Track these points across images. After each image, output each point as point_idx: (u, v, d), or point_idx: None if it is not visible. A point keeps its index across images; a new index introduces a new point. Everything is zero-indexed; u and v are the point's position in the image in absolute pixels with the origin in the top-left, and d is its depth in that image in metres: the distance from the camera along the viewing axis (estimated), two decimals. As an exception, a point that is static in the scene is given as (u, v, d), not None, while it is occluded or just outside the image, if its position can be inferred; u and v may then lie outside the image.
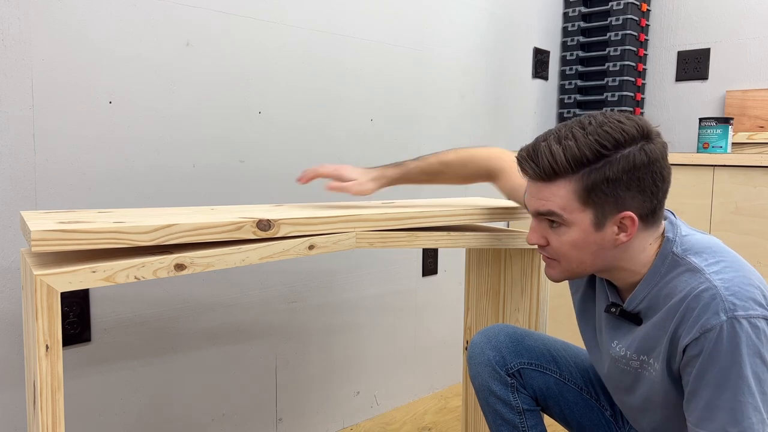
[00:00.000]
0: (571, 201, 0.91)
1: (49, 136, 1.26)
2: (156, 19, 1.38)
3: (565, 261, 0.98)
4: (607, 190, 0.89)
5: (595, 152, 0.88)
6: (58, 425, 0.82)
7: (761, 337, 0.86)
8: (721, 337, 0.86)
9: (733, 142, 2.25)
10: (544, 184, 0.93)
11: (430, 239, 1.23)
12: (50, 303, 0.80)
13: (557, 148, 0.89)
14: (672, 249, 0.95)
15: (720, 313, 0.86)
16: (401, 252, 2.02)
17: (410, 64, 1.96)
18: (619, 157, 0.88)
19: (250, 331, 1.64)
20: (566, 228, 0.94)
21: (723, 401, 0.87)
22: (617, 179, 0.89)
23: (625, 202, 0.90)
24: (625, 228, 0.93)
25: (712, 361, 0.87)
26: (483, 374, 1.22)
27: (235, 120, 1.54)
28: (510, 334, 1.25)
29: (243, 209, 1.18)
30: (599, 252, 0.95)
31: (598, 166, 0.89)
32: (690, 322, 0.89)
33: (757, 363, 0.86)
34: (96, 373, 1.37)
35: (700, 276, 0.91)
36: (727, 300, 0.87)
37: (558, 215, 0.93)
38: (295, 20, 1.64)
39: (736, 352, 0.86)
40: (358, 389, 1.95)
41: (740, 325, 0.85)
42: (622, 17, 2.39)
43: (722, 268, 0.91)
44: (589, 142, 0.88)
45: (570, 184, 0.90)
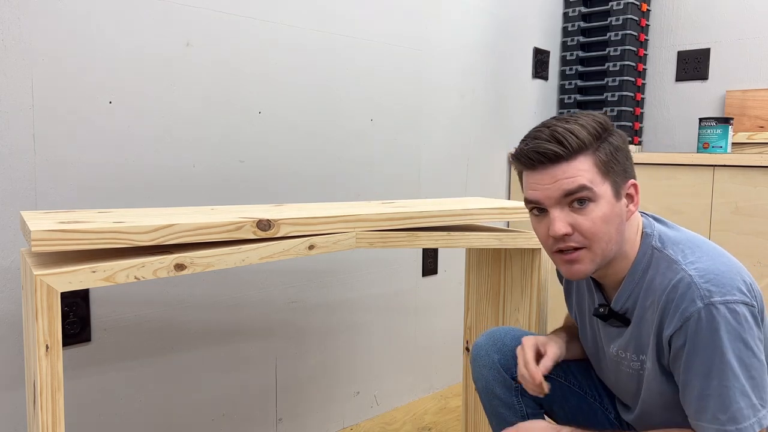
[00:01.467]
0: (595, 173, 0.94)
1: (49, 136, 1.26)
2: (156, 19, 1.38)
3: (596, 243, 0.94)
4: (619, 157, 0.95)
5: (602, 125, 0.95)
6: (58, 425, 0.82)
7: (741, 322, 0.87)
8: (700, 324, 0.87)
9: (733, 142, 2.25)
10: (567, 164, 0.93)
11: (430, 239, 1.23)
12: (50, 303, 0.80)
13: (574, 127, 0.93)
14: (651, 243, 0.98)
15: (696, 300, 0.88)
16: (401, 252, 2.02)
17: (410, 64, 1.96)
18: (612, 131, 0.97)
19: (250, 331, 1.64)
20: (594, 204, 0.93)
21: (711, 389, 0.88)
22: (621, 148, 0.96)
23: (628, 170, 0.97)
24: (632, 197, 0.98)
25: (695, 349, 0.89)
26: (487, 377, 1.21)
27: (235, 120, 1.54)
28: (516, 337, 1.23)
29: (243, 209, 1.18)
30: (620, 226, 0.96)
31: (607, 137, 0.95)
32: (670, 313, 0.91)
33: (740, 347, 0.87)
34: (96, 373, 1.37)
35: (676, 267, 0.93)
36: (701, 287, 0.88)
37: (588, 188, 0.92)
38: (296, 20, 1.64)
39: (716, 337, 0.87)
40: (358, 389, 1.95)
41: (717, 310, 0.87)
42: (622, 17, 2.39)
43: (698, 258, 0.93)
44: (591, 121, 0.95)
45: (591, 157, 0.94)
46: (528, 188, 0.98)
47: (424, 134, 2.04)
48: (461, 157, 2.18)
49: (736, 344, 0.87)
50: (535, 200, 0.97)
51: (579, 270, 0.97)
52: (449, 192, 2.15)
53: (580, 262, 0.96)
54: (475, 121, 2.23)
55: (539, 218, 0.99)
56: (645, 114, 2.62)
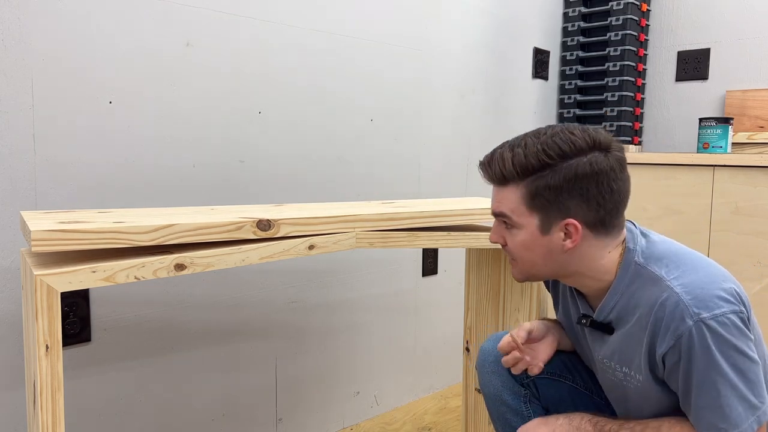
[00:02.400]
0: (519, 205, 0.96)
1: (49, 136, 1.26)
2: (156, 19, 1.38)
3: (520, 261, 1.02)
4: (550, 197, 0.94)
5: (541, 161, 0.93)
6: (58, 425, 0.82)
7: (732, 332, 0.88)
8: (692, 342, 0.89)
9: (733, 142, 2.25)
10: (498, 188, 0.99)
11: (430, 239, 1.23)
12: (50, 303, 0.80)
13: (508, 155, 0.95)
14: (634, 259, 0.98)
15: (686, 319, 0.89)
16: (401, 252, 2.02)
17: (410, 64, 1.96)
18: (564, 166, 0.92)
19: (250, 331, 1.64)
20: (517, 230, 0.99)
21: (710, 400, 0.90)
22: (559, 187, 0.93)
23: (568, 209, 0.94)
24: (570, 234, 0.96)
25: (691, 365, 0.90)
26: (495, 384, 1.20)
27: (236, 120, 1.54)
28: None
29: (243, 209, 1.18)
30: (549, 255, 0.98)
31: (543, 174, 0.93)
32: (662, 332, 0.92)
33: (734, 356, 0.89)
34: (96, 373, 1.37)
35: (661, 284, 0.93)
36: (689, 304, 0.89)
37: (508, 217, 0.99)
38: (295, 20, 1.64)
39: (708, 353, 0.88)
40: (358, 389, 1.95)
41: (707, 326, 0.88)
42: (622, 17, 2.39)
43: (681, 273, 0.93)
44: (537, 150, 0.93)
45: (518, 189, 0.96)
46: None
47: (425, 134, 2.04)
48: (461, 157, 2.18)
49: (729, 353, 0.88)
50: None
51: (512, 273, 1.06)
52: (449, 192, 2.15)
53: (513, 267, 1.05)
54: (475, 121, 2.23)
55: None
56: (645, 114, 2.63)
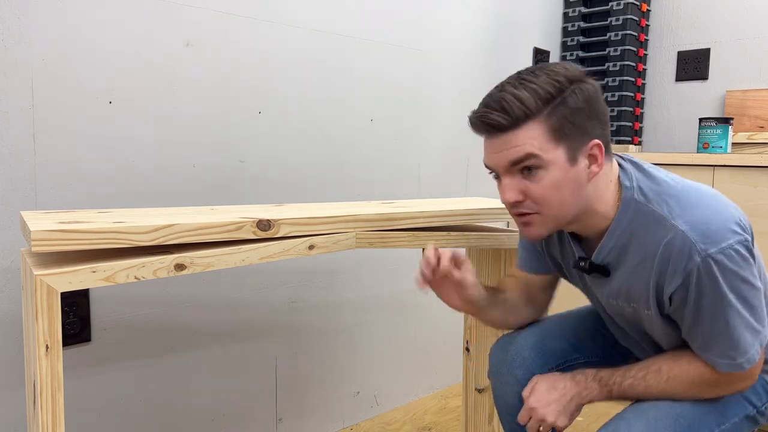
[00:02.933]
0: (545, 140, 0.91)
1: (49, 136, 1.25)
2: (156, 19, 1.38)
3: (547, 208, 0.95)
4: (574, 120, 0.91)
5: (556, 87, 0.90)
6: (58, 425, 0.82)
7: (738, 262, 0.90)
8: (701, 278, 0.90)
9: (733, 142, 2.25)
10: (514, 132, 0.92)
11: (430, 239, 1.23)
12: (50, 303, 0.80)
13: (521, 93, 0.90)
14: (633, 196, 0.96)
15: (694, 256, 0.89)
16: (401, 252, 2.02)
17: (410, 64, 1.96)
18: (574, 89, 0.91)
19: (250, 331, 1.64)
20: (544, 171, 0.92)
21: (719, 330, 0.93)
22: (580, 109, 0.91)
23: (589, 131, 0.93)
24: (595, 158, 0.94)
25: (700, 299, 0.92)
26: (512, 393, 1.16)
27: (236, 120, 1.54)
28: (533, 345, 1.19)
29: (243, 209, 1.18)
30: (577, 190, 0.94)
31: (560, 100, 0.90)
32: (669, 271, 0.92)
33: (739, 286, 0.91)
34: (96, 373, 1.37)
35: (665, 224, 0.92)
36: (696, 241, 0.89)
37: (536, 156, 0.91)
38: (295, 20, 1.64)
39: (717, 286, 0.90)
40: (358, 389, 1.95)
41: (715, 261, 0.89)
42: (622, 17, 2.39)
43: (684, 210, 0.92)
44: (546, 80, 0.91)
45: (540, 123, 0.91)
46: (484, 153, 0.99)
47: (425, 134, 2.04)
48: (461, 157, 2.18)
49: (736, 284, 0.90)
50: (489, 166, 0.98)
51: (533, 232, 0.98)
52: (449, 192, 2.15)
53: (533, 225, 0.98)
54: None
55: (498, 183, 0.99)
56: (645, 114, 2.62)
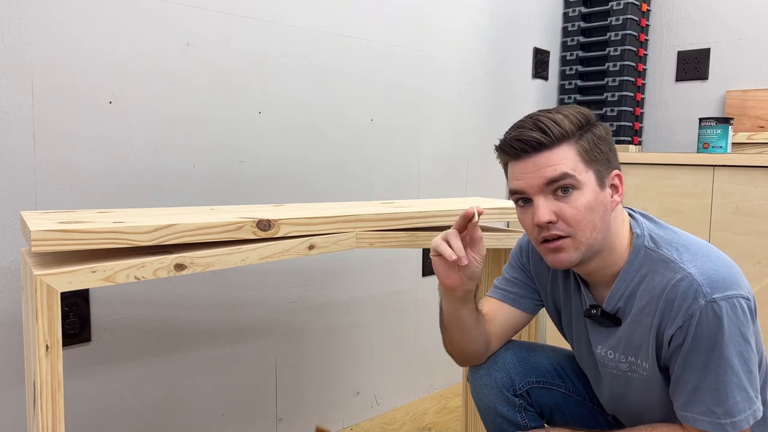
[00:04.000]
0: (578, 162, 0.94)
1: (49, 136, 1.26)
2: (156, 19, 1.38)
3: (580, 231, 0.94)
4: (602, 147, 0.96)
5: (584, 116, 0.96)
6: (58, 425, 0.82)
7: (740, 316, 0.89)
8: (701, 321, 0.89)
9: (733, 142, 2.25)
10: (550, 152, 0.93)
11: (430, 239, 1.23)
12: (50, 303, 0.80)
13: (557, 117, 0.94)
14: (644, 243, 0.98)
15: (699, 299, 0.89)
16: (401, 252, 2.02)
17: (410, 64, 1.96)
18: (595, 122, 0.97)
19: (250, 331, 1.64)
20: (578, 192, 0.93)
21: (708, 383, 0.90)
22: (602, 138, 0.96)
23: (612, 161, 0.97)
24: (617, 188, 0.98)
25: (696, 345, 0.90)
26: (489, 396, 1.18)
27: (236, 120, 1.54)
28: (516, 353, 1.20)
29: (243, 209, 1.18)
30: (605, 215, 0.95)
31: (589, 128, 0.96)
32: (672, 313, 0.92)
33: (740, 342, 0.89)
34: (96, 373, 1.37)
35: (674, 266, 0.93)
36: (703, 284, 0.89)
37: (571, 176, 0.92)
38: (295, 20, 1.64)
39: (717, 334, 0.88)
40: (358, 389, 1.95)
41: (719, 306, 0.88)
42: (622, 17, 2.39)
43: (693, 256, 0.93)
44: (573, 111, 0.96)
45: (573, 146, 0.94)
46: (512, 178, 0.98)
47: (424, 134, 2.04)
48: (461, 157, 2.18)
49: (736, 339, 0.88)
50: (520, 190, 0.96)
51: (564, 258, 0.96)
52: (449, 192, 2.15)
53: (564, 251, 0.95)
54: (475, 121, 2.22)
55: (524, 209, 0.98)
56: (645, 114, 2.62)
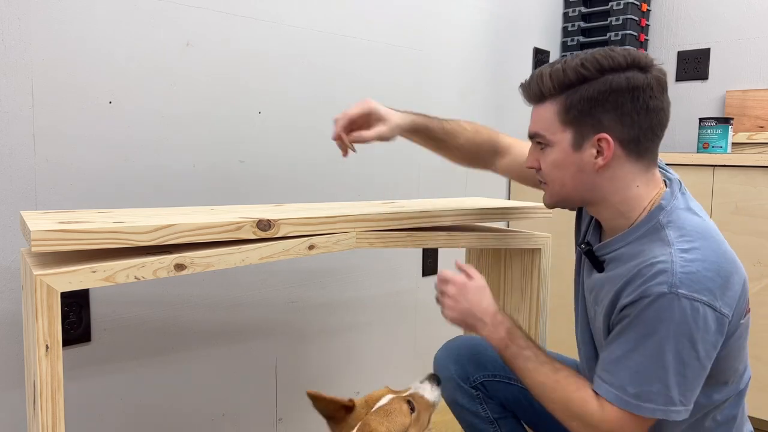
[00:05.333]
0: (554, 122, 0.95)
1: (49, 136, 1.25)
2: (156, 19, 1.38)
3: (550, 183, 1.02)
4: (584, 108, 0.92)
5: (578, 74, 0.92)
6: (58, 425, 0.82)
7: (698, 321, 0.86)
8: (653, 305, 0.87)
9: (733, 142, 2.25)
10: (536, 108, 0.99)
11: (430, 239, 1.23)
12: (50, 303, 0.80)
13: (546, 72, 0.95)
14: (659, 216, 0.95)
15: (663, 285, 0.87)
16: (401, 252, 2.02)
17: (410, 64, 1.96)
18: (600, 79, 0.92)
19: (250, 331, 1.64)
20: (550, 148, 0.98)
21: (632, 362, 0.89)
22: (594, 99, 0.92)
23: (602, 124, 0.93)
24: (602, 151, 0.94)
25: (637, 323, 0.89)
26: (449, 388, 1.22)
27: (236, 120, 1.54)
28: (471, 346, 1.25)
29: (243, 209, 1.18)
30: (578, 175, 0.97)
31: (579, 87, 0.92)
32: (634, 285, 0.91)
33: (685, 344, 0.86)
34: (96, 373, 1.37)
35: (666, 249, 0.90)
36: (676, 275, 0.86)
37: (541, 135, 0.98)
38: (295, 20, 1.64)
39: (662, 323, 0.86)
40: (358, 389, 1.95)
41: (678, 301, 0.85)
42: (622, 17, 2.39)
43: (692, 249, 0.90)
44: (575, 65, 0.92)
45: (554, 105, 0.95)
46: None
47: (424, 134, 2.04)
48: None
49: (681, 339, 0.86)
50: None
51: (544, 199, 1.06)
52: (449, 192, 2.15)
53: (545, 193, 1.05)
54: (475, 121, 2.22)
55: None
56: (645, 114, 2.62)
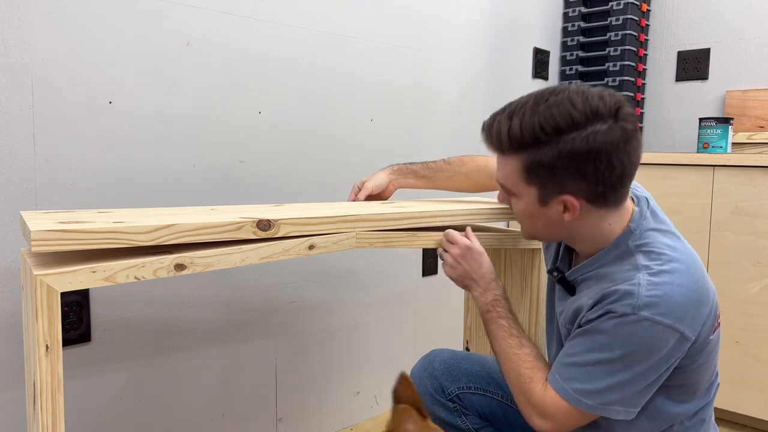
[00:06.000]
0: (516, 178, 0.94)
1: (49, 136, 1.25)
2: (156, 19, 1.38)
3: (522, 225, 1.05)
4: (545, 173, 0.91)
5: (535, 136, 0.89)
6: (58, 425, 0.82)
7: (657, 342, 0.87)
8: (615, 320, 0.88)
9: (733, 142, 2.25)
10: (499, 157, 0.98)
11: (430, 239, 1.23)
12: (50, 303, 0.80)
13: (505, 127, 0.92)
14: (628, 241, 0.95)
15: (627, 307, 0.87)
16: (401, 252, 2.02)
17: (410, 64, 1.96)
18: (559, 142, 0.87)
19: (250, 331, 1.64)
20: (517, 198, 0.98)
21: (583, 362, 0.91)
22: (553, 165, 0.89)
23: (565, 186, 0.91)
24: (568, 209, 0.94)
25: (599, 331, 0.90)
26: (427, 403, 1.22)
27: (236, 120, 1.54)
28: (445, 359, 1.25)
29: (243, 209, 1.18)
30: (549, 225, 0.98)
31: (538, 150, 0.89)
32: (600, 305, 0.92)
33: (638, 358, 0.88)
34: (96, 373, 1.37)
35: (635, 274, 0.91)
36: (642, 298, 0.87)
37: (507, 188, 0.98)
38: (295, 21, 1.64)
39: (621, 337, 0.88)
40: (358, 389, 1.95)
41: (640, 322, 0.86)
42: (622, 17, 2.39)
43: (660, 272, 0.89)
44: (533, 124, 0.88)
45: (515, 160, 0.93)
46: None
47: (424, 134, 2.04)
48: (461, 157, 2.18)
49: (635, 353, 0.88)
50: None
51: (521, 230, 1.09)
52: (449, 192, 2.15)
53: (521, 227, 1.08)
54: (475, 121, 2.22)
55: None
56: (645, 114, 2.62)
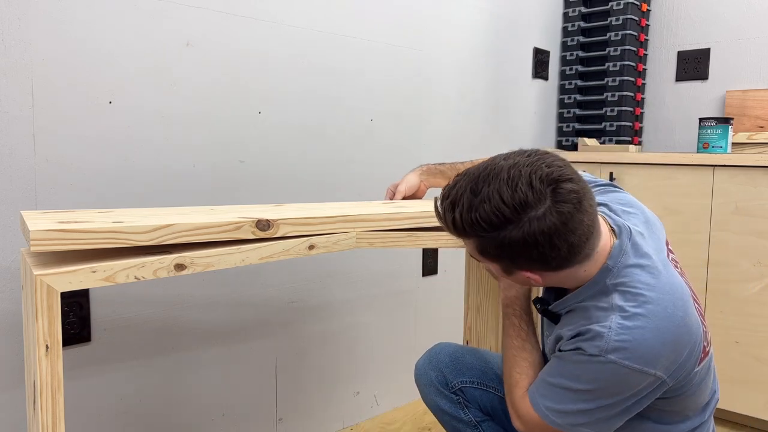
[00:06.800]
0: (476, 253, 0.93)
1: (49, 136, 1.26)
2: (156, 19, 1.38)
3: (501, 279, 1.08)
4: (496, 255, 0.90)
5: (474, 231, 0.88)
6: (58, 425, 0.82)
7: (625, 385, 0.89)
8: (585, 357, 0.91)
9: (733, 142, 2.25)
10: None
11: (430, 239, 1.23)
12: (50, 303, 0.80)
13: (449, 216, 0.90)
14: (606, 279, 0.94)
15: (595, 349, 0.89)
16: (401, 252, 2.02)
17: (410, 64, 1.96)
18: (496, 236, 0.86)
19: (250, 331, 1.64)
20: (487, 262, 0.95)
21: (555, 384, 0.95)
22: (500, 253, 0.89)
23: (519, 265, 0.91)
24: (532, 278, 0.94)
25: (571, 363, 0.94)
26: (430, 394, 1.25)
27: (235, 120, 1.54)
28: (451, 352, 1.28)
29: (243, 209, 1.18)
30: (523, 284, 1.02)
31: (481, 239, 0.89)
32: (573, 340, 0.94)
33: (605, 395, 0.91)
34: (96, 373, 1.37)
35: (609, 315, 0.91)
36: (611, 342, 0.88)
37: (473, 256, 0.97)
38: (295, 20, 1.64)
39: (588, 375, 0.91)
40: (358, 389, 1.95)
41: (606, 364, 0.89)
42: (622, 17, 2.39)
43: (634, 315, 0.89)
44: (470, 219, 0.87)
45: (469, 242, 0.92)
46: None
47: (424, 134, 2.04)
48: (461, 157, 2.18)
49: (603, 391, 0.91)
50: None
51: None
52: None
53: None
54: (475, 121, 2.22)
55: None
56: (645, 114, 2.62)
